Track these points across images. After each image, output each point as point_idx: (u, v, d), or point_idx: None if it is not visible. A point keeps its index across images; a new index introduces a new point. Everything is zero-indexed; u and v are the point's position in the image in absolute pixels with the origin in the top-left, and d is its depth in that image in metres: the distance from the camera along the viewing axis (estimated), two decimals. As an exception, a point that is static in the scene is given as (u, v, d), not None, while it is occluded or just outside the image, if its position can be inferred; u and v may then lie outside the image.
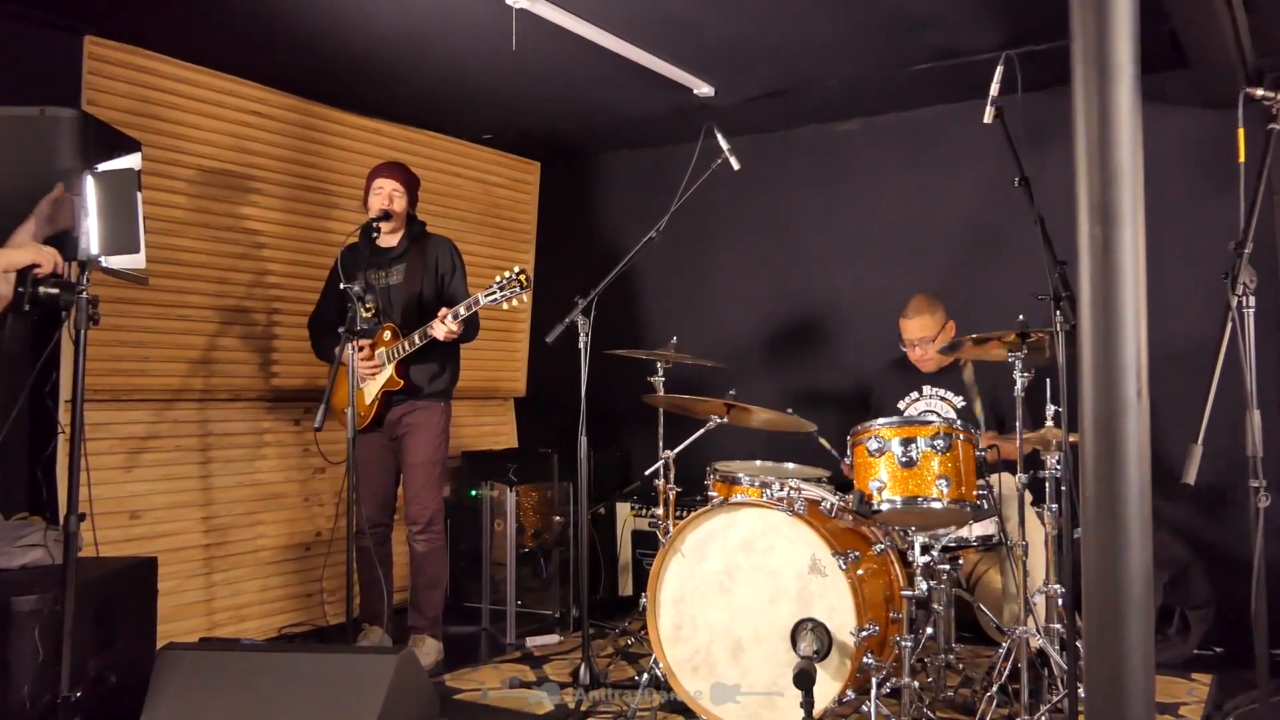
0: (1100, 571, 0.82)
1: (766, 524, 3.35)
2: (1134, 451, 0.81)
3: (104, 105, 3.93)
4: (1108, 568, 0.81)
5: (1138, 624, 0.81)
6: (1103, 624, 0.82)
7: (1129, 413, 0.81)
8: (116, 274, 2.93)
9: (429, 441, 4.15)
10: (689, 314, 5.73)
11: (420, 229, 4.27)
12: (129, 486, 4.19)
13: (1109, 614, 0.81)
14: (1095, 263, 0.81)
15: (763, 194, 5.52)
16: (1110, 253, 0.81)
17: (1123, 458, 0.81)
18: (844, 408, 4.99)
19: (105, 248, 2.81)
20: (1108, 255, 0.81)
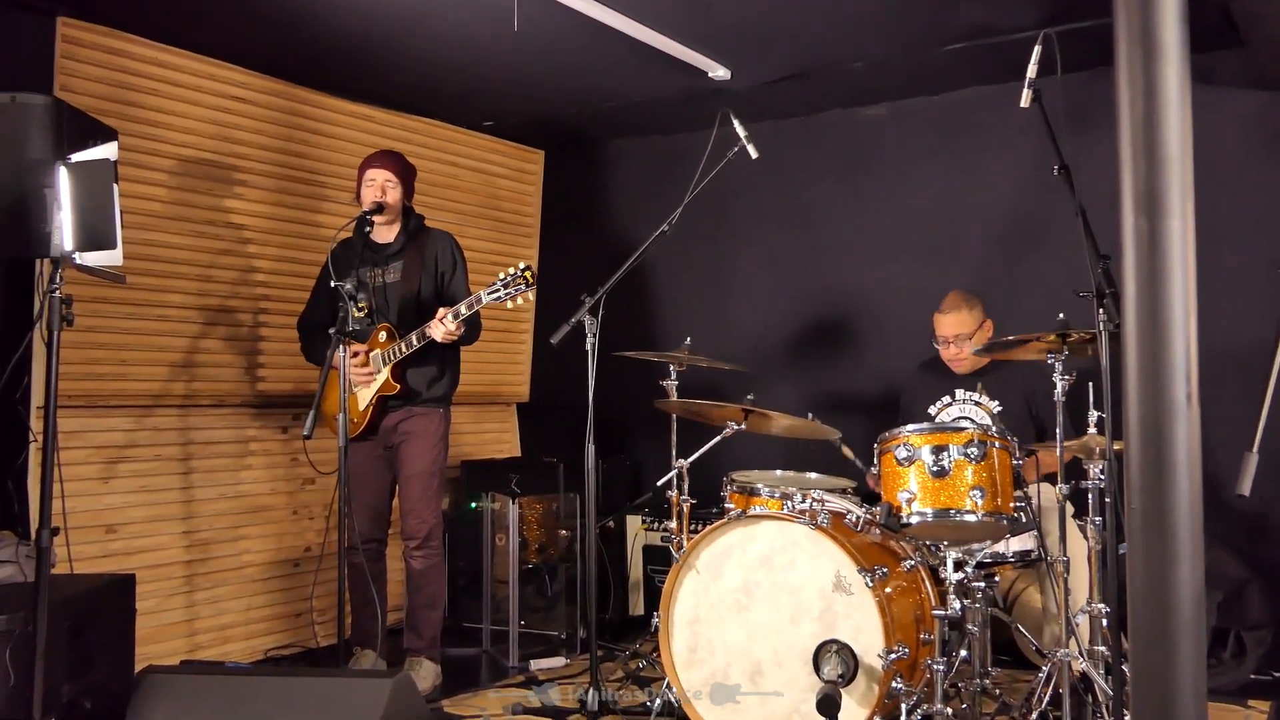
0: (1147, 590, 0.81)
1: (787, 538, 3.34)
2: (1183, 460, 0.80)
3: (78, 91, 3.94)
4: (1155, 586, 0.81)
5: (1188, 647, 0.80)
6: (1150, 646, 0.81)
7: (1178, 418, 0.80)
8: (92, 271, 2.95)
9: (427, 450, 4.15)
10: (704, 313, 5.73)
11: (418, 223, 4.28)
12: (105, 499, 4.21)
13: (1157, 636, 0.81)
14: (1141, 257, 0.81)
15: (783, 184, 5.51)
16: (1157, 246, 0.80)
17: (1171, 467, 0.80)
18: (871, 413, 4.98)
19: (80, 243, 2.82)
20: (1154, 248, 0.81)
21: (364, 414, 4.11)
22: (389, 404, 4.13)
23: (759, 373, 5.03)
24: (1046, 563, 3.60)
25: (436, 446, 4.19)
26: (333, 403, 4.00)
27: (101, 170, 2.83)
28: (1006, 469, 3.29)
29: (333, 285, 3.72)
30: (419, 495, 4.15)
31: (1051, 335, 3.28)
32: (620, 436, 5.75)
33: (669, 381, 4.23)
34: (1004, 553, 3.63)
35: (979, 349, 3.82)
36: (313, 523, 4.95)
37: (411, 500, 4.15)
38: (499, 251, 5.79)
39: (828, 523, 3.31)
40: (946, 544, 3.33)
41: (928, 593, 3.40)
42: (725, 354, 4.55)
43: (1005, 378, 4.22)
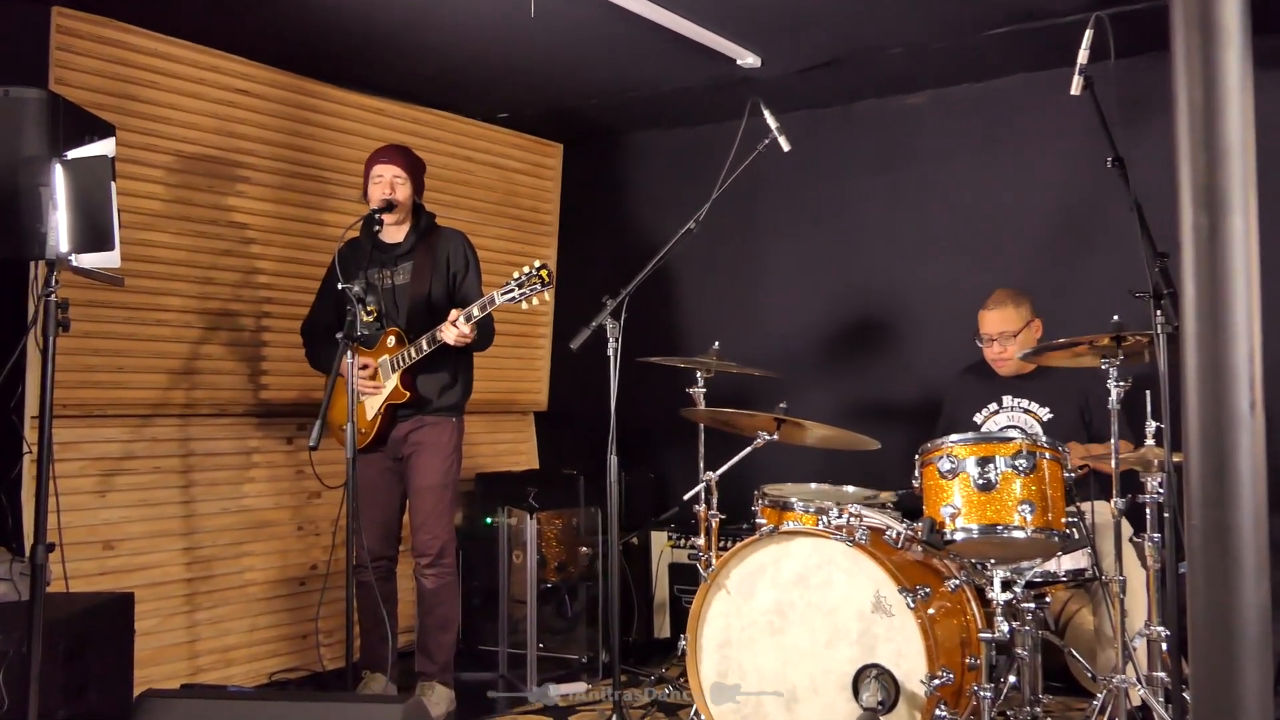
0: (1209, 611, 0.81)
1: (823, 556, 3.33)
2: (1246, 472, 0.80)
3: (74, 84, 3.99)
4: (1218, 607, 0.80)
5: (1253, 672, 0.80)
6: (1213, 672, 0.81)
7: (1240, 427, 0.80)
8: (89, 274, 2.97)
9: (439, 462, 4.17)
10: (733, 316, 5.72)
11: (429, 221, 4.30)
12: (102, 513, 4.25)
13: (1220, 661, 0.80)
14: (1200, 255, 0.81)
15: (817, 178, 5.50)
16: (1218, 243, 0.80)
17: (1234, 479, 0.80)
18: (912, 422, 4.96)
19: (76, 245, 2.85)
20: (1215, 246, 0.80)
21: (372, 424, 4.13)
22: (398, 413, 4.15)
23: (792, 379, 5.02)
24: (1101, 582, 3.58)
25: (449, 458, 4.20)
26: (340, 412, 4.02)
27: (99, 167, 2.86)
28: (1058, 482, 3.27)
29: (340, 288, 3.74)
30: (431, 510, 4.16)
31: (1105, 338, 3.26)
32: (644, 447, 5.75)
33: (696, 389, 4.23)
34: (1055, 571, 3.61)
35: (1027, 353, 3.80)
36: (319, 539, 4.97)
37: (423, 515, 4.16)
38: (515, 251, 5.81)
39: (866, 539, 3.30)
40: (993, 562, 3.31)
41: (973, 614, 3.38)
42: (756, 359, 4.55)
43: (1056, 384, 4.19)
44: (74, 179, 2.84)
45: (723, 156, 3.85)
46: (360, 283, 3.72)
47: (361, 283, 3.73)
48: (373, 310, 3.75)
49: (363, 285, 3.73)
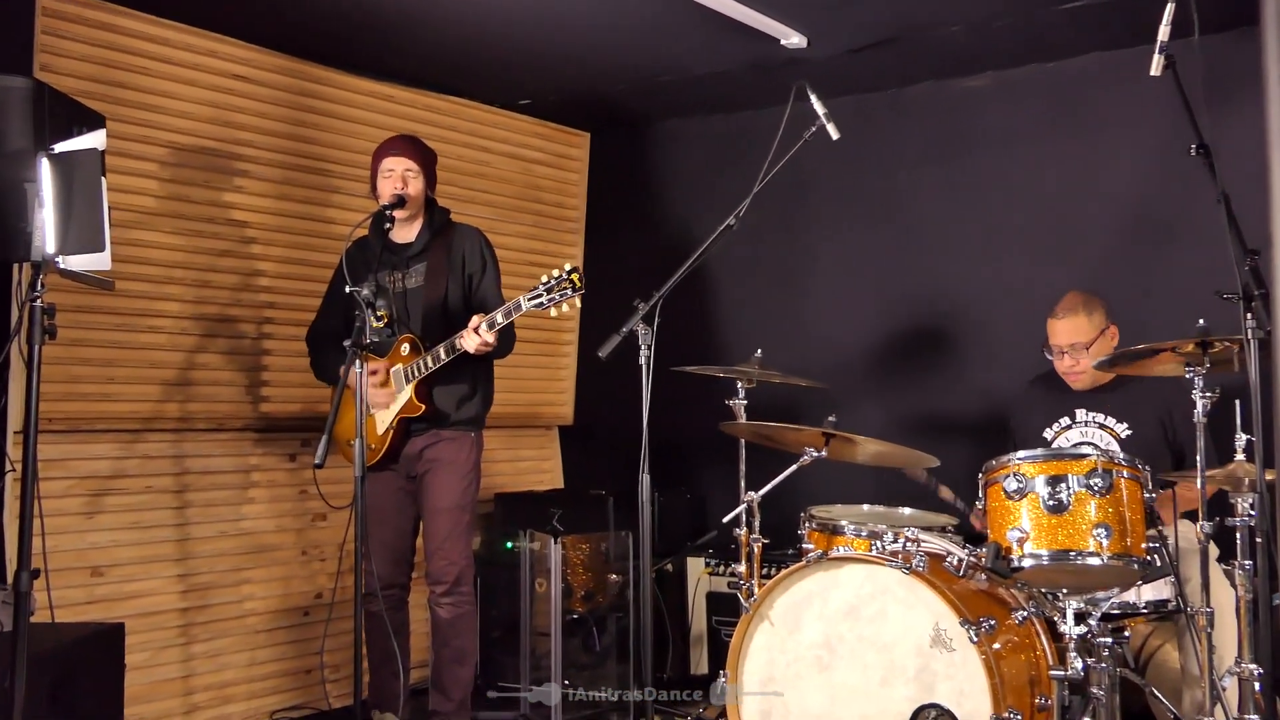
0: (1307, 645, 0.81)
1: (877, 584, 3.32)
2: (1349, 492, 0.80)
3: (61, 71, 4.03)
4: (1316, 640, 0.80)
5: (1356, 712, 0.79)
6: (1311, 712, 0.81)
7: (1342, 443, 0.80)
8: (77, 277, 3.01)
9: (456, 481, 4.18)
10: (777, 321, 5.71)
11: (443, 218, 4.31)
12: (90, 537, 4.28)
13: (1319, 699, 0.80)
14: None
15: (868, 169, 5.49)
16: (1315, 239, 0.80)
17: (1334, 500, 0.80)
18: (975, 437, 4.93)
19: (64, 246, 2.88)
20: (1312, 243, 0.80)
21: (383, 439, 4.15)
22: (412, 427, 4.17)
23: (842, 390, 5.01)
24: (1186, 615, 3.54)
25: (467, 477, 4.21)
26: (348, 426, 4.02)
27: (88, 162, 2.89)
28: (1137, 503, 3.24)
29: (348, 291, 3.75)
30: (447, 533, 4.17)
31: (1189, 344, 3.23)
32: (680, 465, 5.74)
33: (736, 401, 4.23)
34: (1135, 602, 3.58)
35: (1101, 361, 3.77)
36: (325, 565, 4.99)
37: (438, 539, 4.17)
38: (537, 250, 5.83)
39: (924, 566, 3.29)
40: (1066, 592, 3.29)
41: (1044, 649, 3.36)
42: (802, 369, 4.53)
43: (1135, 395, 4.16)
44: (62, 174, 2.87)
45: (765, 146, 3.84)
46: (370, 285, 3.73)
47: (371, 285, 3.74)
48: (384, 315, 3.75)
49: (372, 288, 3.73)
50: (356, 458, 3.61)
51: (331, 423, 3.55)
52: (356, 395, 3.67)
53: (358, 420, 3.63)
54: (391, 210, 4.08)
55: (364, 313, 3.66)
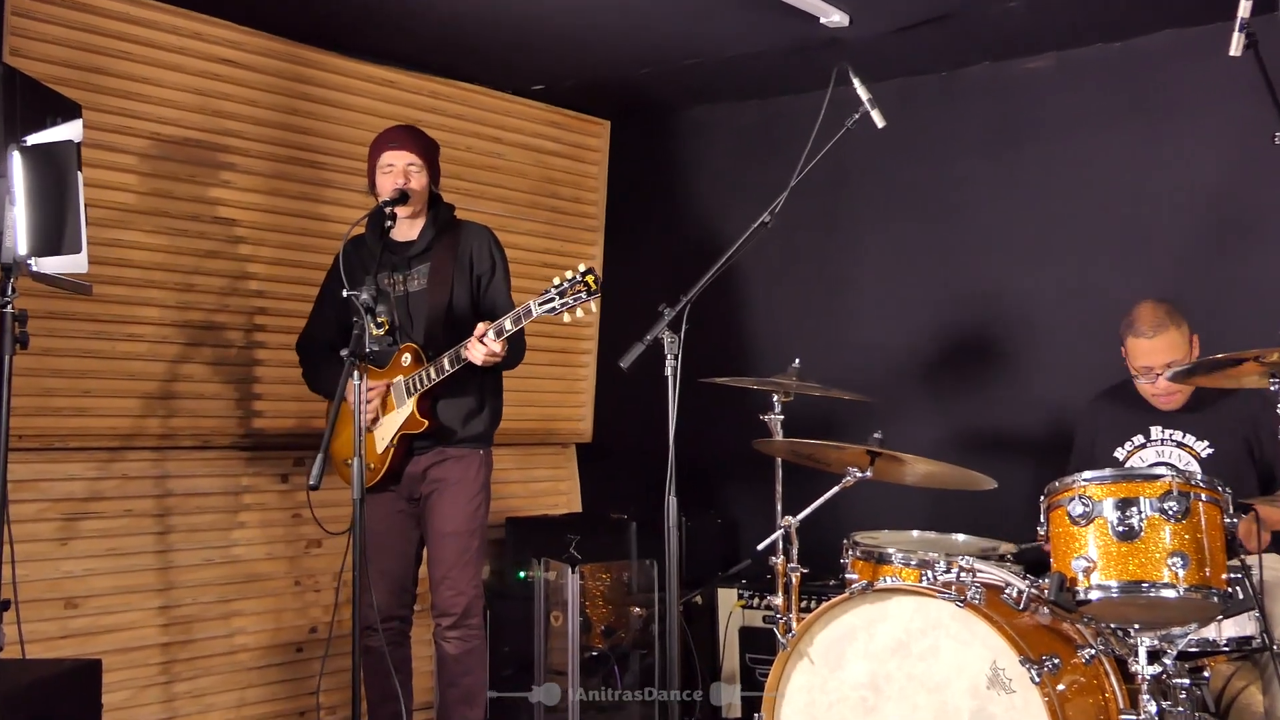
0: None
1: (928, 619, 3.31)
2: None
3: (32, 56, 4.05)
4: None
5: None
6: None
7: None
8: (51, 281, 3.03)
9: (463, 503, 4.18)
10: (816, 328, 5.71)
11: (448, 215, 4.32)
12: (64, 564, 4.30)
13: None
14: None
15: (917, 161, 5.48)
16: None
17: None
18: (1038, 456, 4.92)
19: (37, 246, 2.91)
20: None
21: (384, 458, 4.16)
22: (415, 445, 4.17)
23: (889, 404, 5.00)
24: (1272, 653, 3.52)
25: (475, 498, 4.22)
26: (345, 444, 4.04)
27: (63, 155, 2.92)
28: (1217, 529, 3.22)
29: (345, 295, 3.75)
30: (454, 561, 4.17)
31: (1275, 353, 3.21)
32: (709, 487, 5.74)
33: (772, 416, 4.22)
34: (1215, 639, 3.56)
35: (1178, 372, 3.75)
36: (320, 596, 5.01)
37: (444, 567, 4.18)
38: (553, 250, 5.84)
39: (981, 599, 3.28)
40: (1138, 628, 3.27)
41: (1113, 691, 3.34)
42: (844, 380, 4.53)
43: (1217, 411, 4.14)
44: (34, 169, 2.90)
45: (803, 135, 3.84)
46: (369, 289, 3.72)
47: (370, 289, 3.73)
48: (384, 322, 3.76)
49: (372, 292, 3.72)
50: (355, 478, 3.62)
51: (328, 440, 3.57)
52: (355, 410, 3.67)
53: (356, 437, 3.63)
54: (392, 207, 4.07)
55: (363, 319, 3.66)
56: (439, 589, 4.19)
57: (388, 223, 4.08)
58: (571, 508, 6.10)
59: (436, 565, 4.21)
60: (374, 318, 3.68)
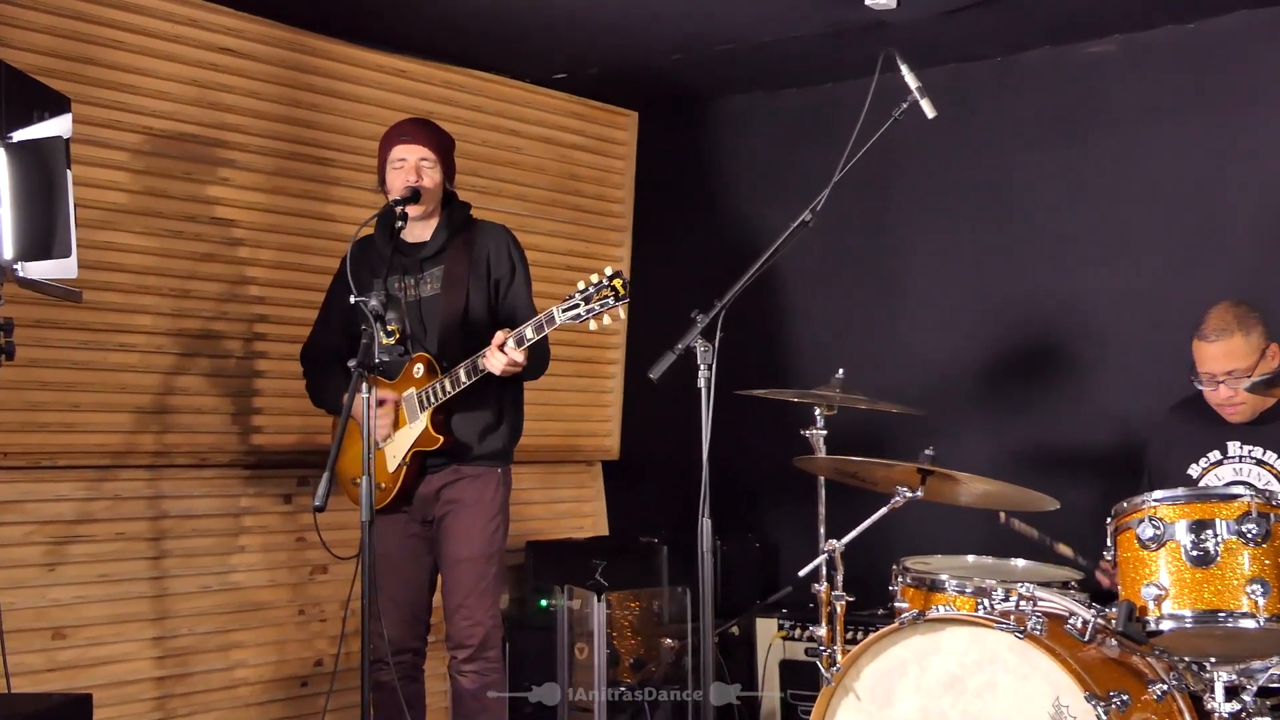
0: None
1: (985, 651, 3.30)
2: None
3: (18, 45, 4.07)
4: None
5: None
6: None
7: None
8: (39, 287, 3.05)
9: (480, 526, 4.18)
10: (862, 335, 5.70)
11: (464, 215, 4.32)
12: (51, 592, 4.32)
13: None
14: None
15: (971, 154, 5.47)
16: None
17: None
18: (1104, 474, 4.90)
19: (23, 250, 2.92)
20: None
21: (395, 477, 4.16)
22: (428, 463, 4.17)
23: (941, 418, 4.98)
24: (1361, 689, 3.50)
25: (493, 521, 4.22)
26: (352, 462, 4.05)
27: (51, 151, 2.94)
28: (1300, 554, 3.21)
29: (352, 301, 3.74)
30: (471, 588, 4.17)
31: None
32: (747, 508, 5.73)
33: (814, 431, 4.21)
34: (1298, 674, 3.54)
35: (1256, 382, 3.73)
36: (326, 626, 5.02)
37: (460, 595, 4.18)
38: (577, 251, 5.85)
39: (1042, 630, 3.27)
40: (1214, 661, 3.26)
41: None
42: (893, 392, 4.52)
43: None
44: (21, 167, 2.92)
45: (846, 127, 3.84)
46: (378, 294, 3.73)
47: (379, 294, 3.74)
48: (394, 330, 3.77)
49: (381, 298, 3.72)
50: (363, 499, 3.61)
51: (334, 458, 3.56)
52: (363, 425, 3.67)
53: (365, 455, 3.62)
54: (403, 206, 4.06)
55: (372, 327, 3.66)
56: (454, 619, 4.19)
57: (399, 223, 4.06)
58: (597, 530, 6.10)
59: (452, 593, 4.21)
60: (383, 325, 3.67)
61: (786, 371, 5.74)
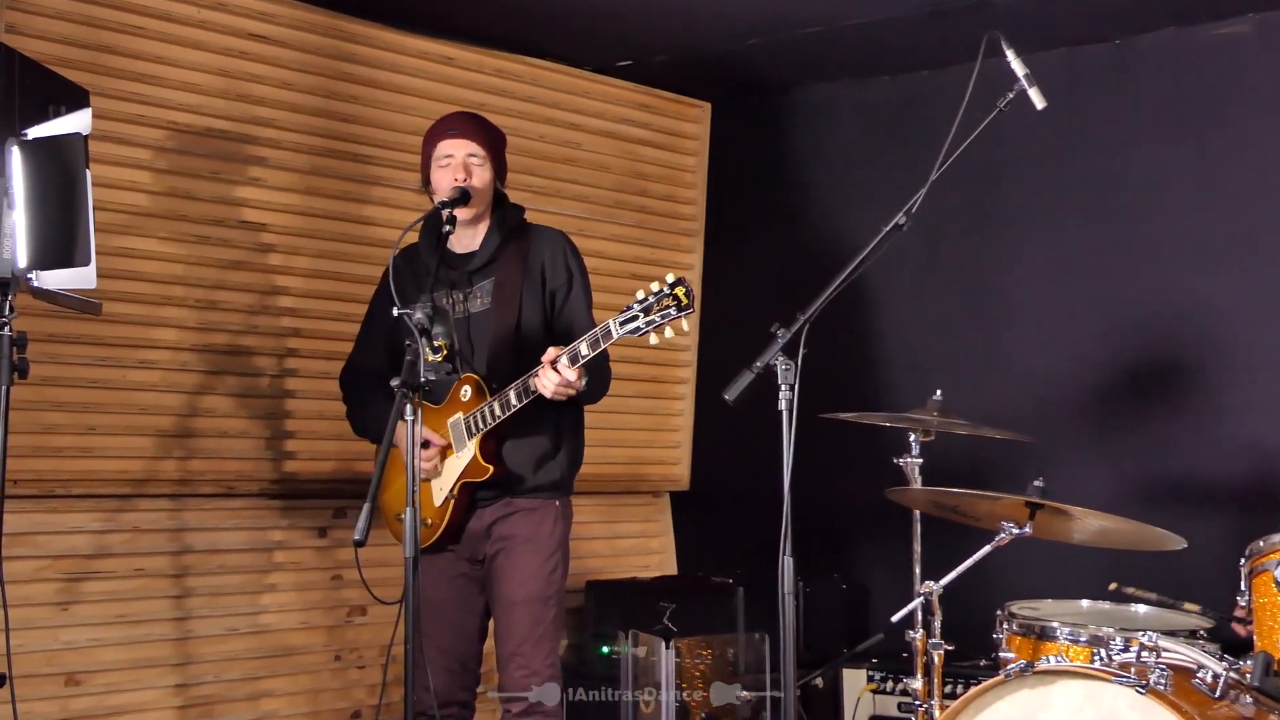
0: None
1: (1102, 708, 3.28)
2: None
3: (31, 33, 4.13)
4: None
5: None
6: None
7: None
8: (55, 298, 3.08)
9: (536, 565, 4.17)
10: (962, 351, 5.68)
11: (516, 219, 4.30)
12: (65, 633, 4.37)
13: None
14: None
15: (1086, 147, 5.44)
16: None
17: None
18: (1238, 510, 4.86)
19: (39, 258, 2.95)
20: None
21: (442, 512, 4.15)
22: (479, 495, 4.16)
23: (1052, 444, 4.96)
24: None
25: (551, 558, 4.20)
26: (396, 496, 4.06)
27: (69, 150, 2.97)
28: None
29: (395, 315, 3.74)
30: (525, 634, 4.16)
31: None
32: (833, 545, 5.72)
33: (909, 459, 4.21)
34: None
35: None
36: (365, 674, 5.05)
37: (514, 642, 4.17)
38: (643, 259, 5.86)
39: (1167, 684, 3.24)
40: (1365, 721, 3.23)
41: (1335, 800, 3.30)
42: (997, 416, 4.51)
43: None
44: (37, 167, 2.94)
45: (945, 119, 3.83)
46: (424, 307, 3.68)
47: (425, 306, 3.69)
48: (441, 345, 3.72)
49: (427, 310, 3.67)
50: (407, 533, 3.58)
51: (376, 488, 3.53)
52: (406, 452, 3.66)
53: (409, 484, 3.60)
54: (451, 209, 4.06)
55: (417, 343, 3.64)
56: (508, 668, 4.19)
57: (446, 227, 4.03)
58: (665, 569, 6.11)
59: (505, 640, 4.19)
60: (429, 340, 3.64)
61: (877, 393, 5.73)
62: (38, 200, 2.96)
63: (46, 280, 3.08)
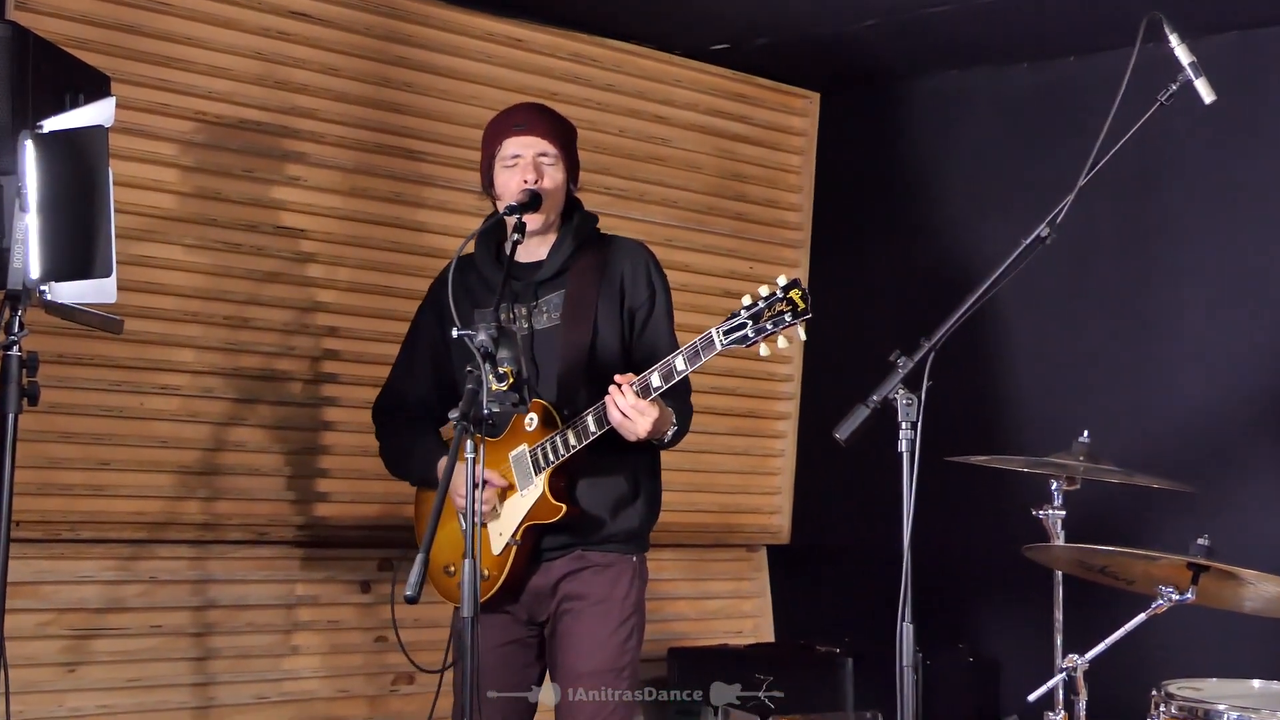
0: None
1: (1275, 805, 3.28)
2: None
3: (47, 11, 4.21)
4: None
5: None
6: None
7: None
8: (71, 314, 3.12)
9: (609, 632, 4.13)
10: (1113, 385, 5.67)
11: (590, 227, 4.26)
12: (72, 699, 4.42)
13: None
14: None
15: (1262, 148, 5.43)
16: None
17: None
18: None
19: (55, 268, 2.98)
20: None
21: (502, 561, 4.08)
22: (545, 542, 4.14)
23: (1219, 495, 4.93)
24: None
25: (626, 624, 4.16)
26: (444, 544, 4.03)
27: (90, 145, 3.01)
28: None
29: (455, 335, 3.68)
30: (594, 712, 4.11)
31: None
32: (958, 609, 5.72)
33: (1050, 511, 4.20)
34: None
35: None
36: (411, 751, 5.10)
37: (582, 717, 4.20)
38: (739, 273, 5.88)
39: (1353, 780, 3.24)
40: None
41: None
42: (1154, 462, 4.50)
43: None
44: (53, 164, 2.98)
45: (1094, 114, 3.84)
46: (488, 327, 3.59)
47: (490, 328, 3.61)
48: (507, 372, 3.66)
49: (491, 332, 3.61)
50: (465, 588, 3.50)
51: (431, 537, 3.47)
52: (465, 495, 3.55)
53: (468, 532, 3.53)
54: (520, 215, 4.02)
55: (479, 368, 3.56)
56: (573, 755, 4.20)
57: (515, 236, 3.99)
58: (761, 635, 6.12)
59: (570, 714, 4.17)
60: (494, 366, 3.59)
61: (1013, 433, 5.72)
62: (54, 202, 3.00)
63: (61, 293, 3.12)
